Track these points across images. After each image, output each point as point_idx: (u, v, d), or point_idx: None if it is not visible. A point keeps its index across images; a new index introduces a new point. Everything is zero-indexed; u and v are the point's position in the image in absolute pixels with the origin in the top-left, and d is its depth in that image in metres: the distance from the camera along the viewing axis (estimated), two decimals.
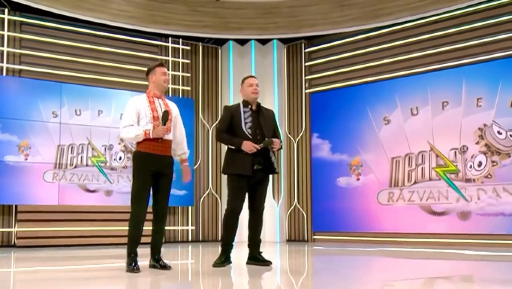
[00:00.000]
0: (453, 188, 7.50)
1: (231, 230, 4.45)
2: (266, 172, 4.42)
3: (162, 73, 4.24)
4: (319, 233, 8.70)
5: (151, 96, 4.21)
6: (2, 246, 7.17)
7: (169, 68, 8.74)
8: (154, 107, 4.14)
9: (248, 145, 4.26)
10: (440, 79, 7.75)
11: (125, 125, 4.06)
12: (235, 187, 4.40)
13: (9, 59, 7.50)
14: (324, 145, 8.75)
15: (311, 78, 9.09)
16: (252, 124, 4.39)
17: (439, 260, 5.95)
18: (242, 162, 4.31)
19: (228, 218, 4.44)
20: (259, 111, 4.52)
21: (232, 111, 4.49)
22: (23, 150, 7.14)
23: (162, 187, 4.16)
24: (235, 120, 4.42)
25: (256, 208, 4.50)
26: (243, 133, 4.35)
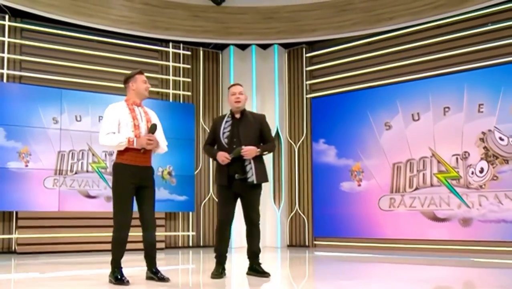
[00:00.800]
0: (455, 194, 7.46)
1: (222, 241, 4.44)
2: (251, 185, 4.34)
3: (143, 81, 4.17)
4: (320, 239, 8.67)
5: (130, 104, 4.11)
6: (3, 252, 7.17)
7: (169, 74, 8.74)
8: (135, 115, 4.06)
9: (220, 156, 4.29)
10: (441, 85, 7.71)
11: (107, 132, 3.92)
12: (219, 197, 4.47)
13: (9, 65, 7.50)
14: (326, 150, 8.72)
15: (312, 83, 9.06)
16: (229, 134, 4.36)
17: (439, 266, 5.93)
18: (220, 172, 4.37)
19: (217, 229, 4.47)
20: (242, 119, 4.45)
21: (215, 122, 4.53)
22: (24, 156, 7.14)
23: (147, 199, 4.09)
24: (217, 130, 4.45)
25: (248, 218, 4.44)
26: (221, 143, 4.38)
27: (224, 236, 4.44)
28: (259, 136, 4.48)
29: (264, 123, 4.55)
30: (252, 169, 4.30)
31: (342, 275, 5.08)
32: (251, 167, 4.30)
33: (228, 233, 4.46)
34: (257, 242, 4.47)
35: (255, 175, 4.31)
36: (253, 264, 4.51)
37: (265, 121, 4.57)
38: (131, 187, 3.96)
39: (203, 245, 8.61)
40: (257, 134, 4.45)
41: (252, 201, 4.42)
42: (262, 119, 4.56)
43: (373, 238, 8.12)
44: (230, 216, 4.41)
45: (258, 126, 4.47)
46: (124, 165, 3.95)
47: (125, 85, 4.19)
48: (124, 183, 3.94)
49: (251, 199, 4.41)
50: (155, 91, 8.58)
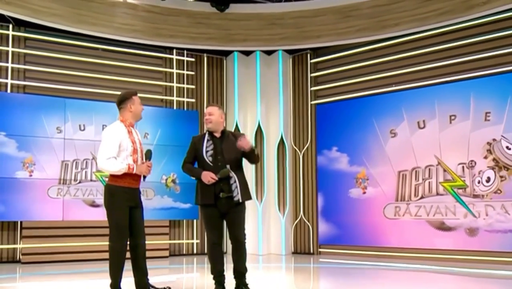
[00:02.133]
0: (461, 203, 7.38)
1: (216, 262, 4.38)
2: (235, 203, 4.29)
3: (140, 103, 4.17)
4: (324, 246, 8.63)
5: (127, 126, 4.08)
6: (8, 261, 7.21)
7: (173, 81, 8.72)
8: (133, 139, 4.07)
9: (206, 176, 4.20)
10: (448, 92, 7.62)
11: (108, 157, 3.87)
12: (205, 217, 4.37)
13: (13, 74, 7.52)
14: (331, 157, 8.67)
15: (317, 89, 8.99)
16: (213, 152, 4.31)
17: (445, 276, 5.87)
18: (205, 191, 4.26)
19: (208, 250, 4.42)
20: (222, 137, 4.40)
21: (195, 141, 4.44)
22: (28, 166, 7.16)
23: (138, 218, 4.09)
24: (198, 150, 4.37)
25: (233, 237, 4.37)
26: (205, 162, 4.30)
27: (218, 256, 4.39)
28: (241, 153, 4.42)
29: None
30: (237, 188, 4.27)
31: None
32: (236, 186, 4.27)
33: (221, 252, 4.42)
34: (243, 261, 4.40)
35: (240, 194, 4.29)
36: (240, 284, 4.41)
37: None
38: (126, 209, 3.97)
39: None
40: (239, 152, 4.39)
41: (238, 219, 4.36)
42: (242, 135, 4.51)
43: (378, 246, 8.05)
44: (220, 237, 4.38)
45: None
46: (121, 188, 3.94)
47: (120, 106, 4.09)
48: (121, 206, 3.94)
49: (237, 217, 4.35)
50: (159, 99, 8.57)
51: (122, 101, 4.09)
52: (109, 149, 3.88)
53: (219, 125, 4.41)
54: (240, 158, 4.43)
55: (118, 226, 3.93)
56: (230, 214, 4.32)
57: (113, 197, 3.95)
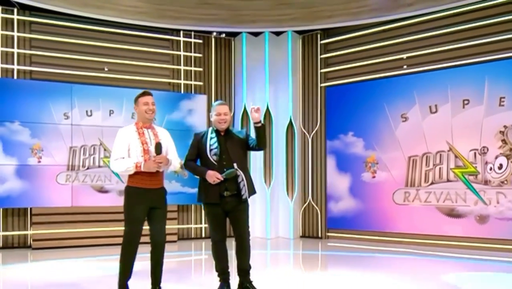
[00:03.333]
0: (472, 190, 7.27)
1: (221, 259, 4.37)
2: (237, 197, 4.23)
3: (144, 103, 4.06)
4: (333, 230, 8.62)
5: (140, 127, 4.06)
6: (19, 247, 7.34)
7: (181, 64, 8.59)
8: (144, 139, 4.01)
9: (211, 176, 4.12)
10: (461, 76, 7.40)
11: (115, 158, 3.92)
12: (210, 215, 4.31)
13: (19, 60, 7.46)
14: (340, 140, 8.56)
15: (327, 71, 8.81)
16: (217, 150, 4.22)
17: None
18: (210, 189, 4.20)
19: (213, 248, 4.39)
20: (227, 135, 4.31)
21: (199, 138, 4.33)
22: (36, 152, 7.19)
23: (157, 219, 4.08)
24: (202, 147, 4.27)
25: (237, 234, 4.35)
26: (209, 160, 4.21)
27: (222, 253, 4.37)
28: (245, 151, 4.39)
29: (246, 134, 4.42)
30: (245, 186, 4.22)
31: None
32: (244, 184, 4.21)
33: (225, 249, 4.39)
34: (247, 259, 4.39)
35: (247, 191, 4.25)
36: (244, 282, 4.40)
37: (246, 133, 4.44)
38: (142, 209, 3.97)
39: None
40: (244, 149, 4.35)
41: (243, 217, 4.33)
42: (244, 132, 4.46)
43: (386, 232, 8.02)
44: (224, 235, 4.36)
45: (244, 140, 4.36)
46: (135, 188, 3.96)
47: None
48: (134, 207, 3.96)
49: (241, 214, 4.32)
50: (167, 82, 8.47)
51: (134, 104, 4.15)
52: (117, 150, 3.95)
53: (229, 124, 4.38)
54: (244, 155, 4.37)
55: (130, 226, 3.97)
56: (235, 212, 4.28)
57: (128, 197, 4.00)
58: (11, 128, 7.07)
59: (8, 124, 7.07)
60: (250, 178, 4.35)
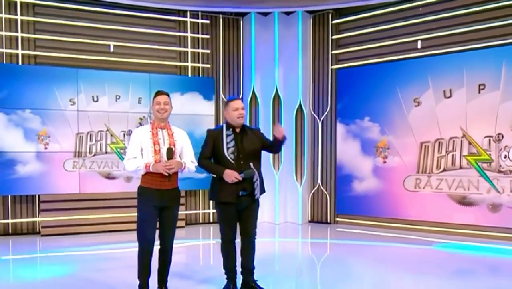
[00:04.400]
0: (485, 178, 7.10)
1: (229, 258, 4.35)
2: (251, 196, 4.18)
3: (156, 103, 4.05)
4: (342, 216, 8.54)
5: (155, 127, 4.05)
6: (28, 233, 7.38)
7: (188, 45, 8.39)
8: (157, 140, 3.99)
9: (229, 175, 4.04)
10: (477, 60, 7.13)
11: (128, 157, 3.98)
12: (223, 215, 4.24)
13: (24, 44, 7.33)
14: (350, 124, 8.38)
15: (338, 53, 8.55)
16: (234, 149, 4.13)
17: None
18: (226, 189, 4.12)
19: (223, 247, 4.35)
20: (242, 133, 4.22)
21: (214, 136, 4.22)
22: (43, 139, 7.14)
23: (167, 219, 4.10)
24: (218, 145, 4.17)
25: (245, 233, 4.31)
26: (226, 159, 4.11)
27: (231, 253, 4.35)
28: (260, 150, 4.31)
29: (262, 135, 4.37)
30: (258, 186, 4.17)
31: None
32: (257, 184, 4.16)
33: (234, 249, 4.37)
34: (252, 258, 4.38)
35: (259, 191, 4.22)
36: (248, 281, 4.40)
37: (262, 134, 4.39)
38: (153, 209, 3.99)
39: None
40: (259, 149, 4.29)
41: (253, 216, 4.30)
42: (259, 133, 4.37)
43: (396, 218, 7.93)
44: (235, 234, 4.31)
45: (259, 140, 4.29)
46: (146, 189, 3.99)
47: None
48: (146, 206, 3.98)
49: (252, 213, 4.28)
50: (173, 65, 8.30)
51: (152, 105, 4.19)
52: (130, 150, 4.00)
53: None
54: (259, 154, 4.29)
55: (140, 225, 4.00)
56: (247, 211, 4.24)
57: (139, 197, 4.04)
58: (17, 115, 7.01)
59: (14, 111, 7.00)
60: (262, 177, 4.30)
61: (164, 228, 4.10)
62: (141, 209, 4.00)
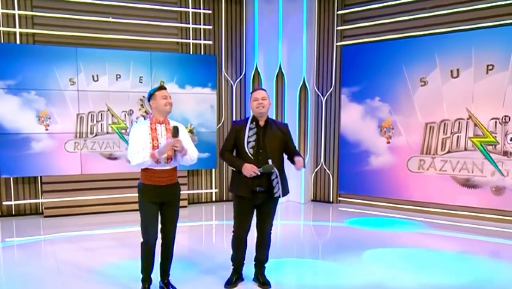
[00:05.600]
0: (489, 160, 7.03)
1: (239, 251, 4.36)
2: (268, 193, 4.12)
3: (163, 97, 3.97)
4: (344, 195, 8.53)
5: (153, 123, 3.99)
6: (31, 214, 7.42)
7: (189, 21, 8.18)
8: (155, 135, 3.93)
9: (248, 169, 3.98)
10: (487, 39, 6.93)
11: (132, 153, 3.90)
12: (238, 208, 4.23)
13: (21, 22, 7.16)
14: (354, 103, 8.25)
15: (344, 29, 8.32)
16: (255, 144, 4.05)
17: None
18: (242, 183, 4.09)
19: (234, 239, 4.34)
20: (266, 127, 4.13)
21: (237, 128, 4.15)
22: (43, 120, 7.07)
23: (167, 215, 4.09)
24: (239, 138, 4.11)
25: (261, 229, 4.31)
26: (245, 153, 4.05)
27: (242, 246, 4.35)
28: (283, 148, 4.21)
29: (288, 134, 4.26)
30: (278, 184, 4.07)
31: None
32: (277, 182, 4.07)
33: (245, 242, 4.36)
34: (266, 252, 4.41)
35: (281, 189, 4.11)
36: (257, 273, 4.45)
37: (289, 132, 4.28)
38: (154, 205, 3.97)
39: (226, 200, 8.62)
40: (282, 146, 4.18)
41: (270, 213, 4.27)
42: (286, 130, 4.25)
43: (399, 199, 7.91)
44: (248, 229, 4.28)
45: (283, 138, 4.19)
46: (146, 185, 3.96)
47: (149, 104, 4.08)
48: (146, 203, 3.97)
49: (270, 210, 4.25)
50: (175, 42, 8.11)
51: (148, 100, 4.07)
52: (132, 145, 3.92)
53: (267, 112, 4.17)
54: (281, 153, 4.20)
55: (143, 221, 4.01)
56: (264, 207, 4.21)
57: (139, 193, 4.02)
58: (16, 96, 6.91)
59: (13, 92, 6.90)
60: (285, 177, 4.21)
61: (166, 222, 4.10)
62: (142, 205, 4.00)
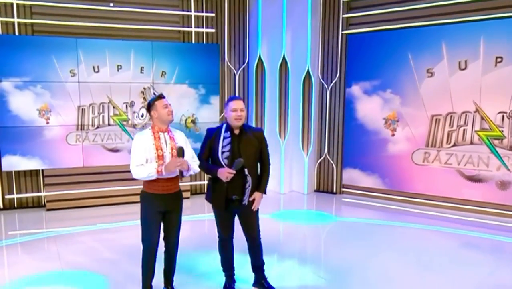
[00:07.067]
0: (495, 155, 6.94)
1: (226, 255, 4.34)
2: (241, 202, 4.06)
3: (164, 106, 3.89)
4: (348, 186, 8.48)
5: (156, 131, 3.91)
6: (34, 206, 7.42)
7: (191, 8, 7.99)
8: (159, 145, 3.86)
9: (223, 173, 3.87)
10: (496, 30, 6.75)
11: (136, 164, 3.83)
12: (216, 214, 4.18)
13: (19, 12, 7.01)
14: (360, 93, 8.11)
15: (350, 17, 8.12)
16: (229, 154, 3.95)
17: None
18: (217, 193, 4.01)
19: (219, 245, 4.32)
20: (241, 135, 4.02)
21: (211, 137, 4.04)
22: (44, 113, 6.98)
23: (171, 223, 4.05)
24: (213, 147, 4.01)
25: (248, 236, 4.25)
26: (219, 163, 3.95)
27: (227, 250, 4.33)
28: (259, 156, 4.11)
29: (264, 142, 4.14)
30: (249, 192, 4.00)
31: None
32: (249, 190, 3.99)
33: (231, 246, 4.34)
34: (258, 256, 4.35)
35: (248, 197, 4.02)
36: (259, 278, 4.43)
37: (265, 140, 4.15)
38: (156, 214, 3.94)
39: None
40: (257, 154, 4.09)
41: (251, 219, 4.19)
42: (262, 137, 4.13)
43: (403, 192, 7.86)
44: (230, 233, 4.25)
45: (258, 145, 4.09)
46: (150, 194, 3.91)
47: (149, 114, 3.99)
48: (150, 212, 3.92)
49: (249, 216, 4.17)
50: (176, 31, 7.95)
51: (148, 110, 3.97)
52: (136, 157, 3.84)
53: (244, 120, 4.05)
54: (256, 161, 4.10)
55: (145, 229, 3.96)
56: (243, 213, 4.13)
57: (142, 202, 3.98)
58: (16, 88, 6.82)
59: (13, 84, 6.80)
60: (260, 177, 4.14)
61: (169, 230, 4.06)
62: (144, 213, 3.96)
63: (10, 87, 6.79)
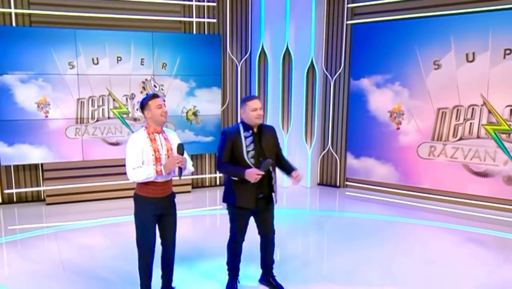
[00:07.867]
0: (503, 149, 6.81)
1: (235, 257, 4.28)
2: (267, 201, 4.07)
3: (157, 107, 3.76)
4: (351, 179, 8.36)
5: (151, 132, 3.79)
6: (33, 201, 7.34)
7: None
8: (156, 147, 3.75)
9: (252, 174, 3.81)
10: (505, 22, 6.57)
11: (134, 167, 3.71)
12: (236, 217, 4.09)
13: (17, 2, 6.84)
14: (366, 85, 7.96)
15: (354, 6, 7.93)
16: (255, 153, 3.92)
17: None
18: (245, 193, 3.95)
19: (231, 246, 4.24)
20: (260, 133, 4.01)
21: (232, 138, 3.96)
22: (43, 106, 6.86)
23: (167, 225, 3.96)
24: (237, 148, 3.93)
25: (265, 234, 4.26)
26: (246, 163, 3.90)
27: (239, 253, 4.28)
28: (277, 151, 4.16)
29: (276, 135, 4.17)
30: (276, 188, 4.07)
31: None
32: (276, 187, 4.05)
33: (240, 249, 4.27)
34: (271, 255, 4.37)
35: (277, 193, 4.12)
36: (267, 276, 4.44)
37: (276, 134, 4.18)
38: (151, 217, 3.84)
39: None
40: (275, 150, 4.12)
41: (269, 217, 4.21)
42: (274, 132, 4.16)
43: (407, 186, 7.74)
44: (243, 235, 4.20)
45: (275, 141, 4.13)
46: (144, 197, 3.81)
47: (143, 114, 3.86)
48: (144, 215, 3.83)
49: (268, 215, 4.19)
50: (177, 21, 7.78)
51: (141, 110, 3.85)
52: (133, 159, 3.72)
53: None
54: (275, 153, 4.12)
55: (141, 232, 3.87)
56: (263, 212, 4.14)
57: (137, 205, 3.87)
58: (15, 81, 6.68)
59: (11, 77, 6.67)
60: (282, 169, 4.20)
61: (165, 234, 3.98)
62: (139, 217, 3.86)
63: (8, 80, 6.66)
